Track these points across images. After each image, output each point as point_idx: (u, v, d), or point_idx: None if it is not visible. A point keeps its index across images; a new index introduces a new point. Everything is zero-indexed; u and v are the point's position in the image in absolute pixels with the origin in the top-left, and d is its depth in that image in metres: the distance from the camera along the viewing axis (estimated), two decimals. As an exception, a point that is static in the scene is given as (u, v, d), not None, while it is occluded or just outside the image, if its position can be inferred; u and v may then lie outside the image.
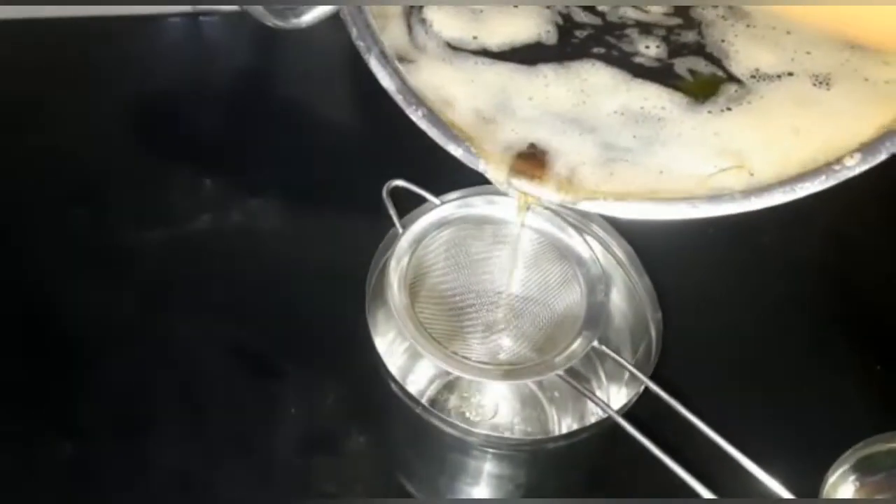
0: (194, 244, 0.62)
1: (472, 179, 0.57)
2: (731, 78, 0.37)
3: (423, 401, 0.50)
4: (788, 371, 0.55)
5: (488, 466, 0.52)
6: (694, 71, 0.37)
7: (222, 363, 0.56)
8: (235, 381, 0.56)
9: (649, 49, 0.38)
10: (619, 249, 0.56)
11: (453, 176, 0.57)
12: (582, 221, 0.55)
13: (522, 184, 0.36)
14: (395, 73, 0.37)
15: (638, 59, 0.38)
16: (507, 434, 0.50)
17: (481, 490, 0.52)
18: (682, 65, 0.37)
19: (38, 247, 0.62)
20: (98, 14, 0.74)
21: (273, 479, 0.52)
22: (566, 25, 0.39)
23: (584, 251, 0.51)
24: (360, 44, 0.37)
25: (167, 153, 0.68)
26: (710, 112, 0.35)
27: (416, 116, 0.37)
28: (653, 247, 0.57)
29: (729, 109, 0.35)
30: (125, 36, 0.75)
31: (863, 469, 0.47)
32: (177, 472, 0.52)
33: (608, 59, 0.38)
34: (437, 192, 0.55)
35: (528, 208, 0.46)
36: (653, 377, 0.49)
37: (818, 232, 0.63)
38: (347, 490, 0.52)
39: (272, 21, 0.67)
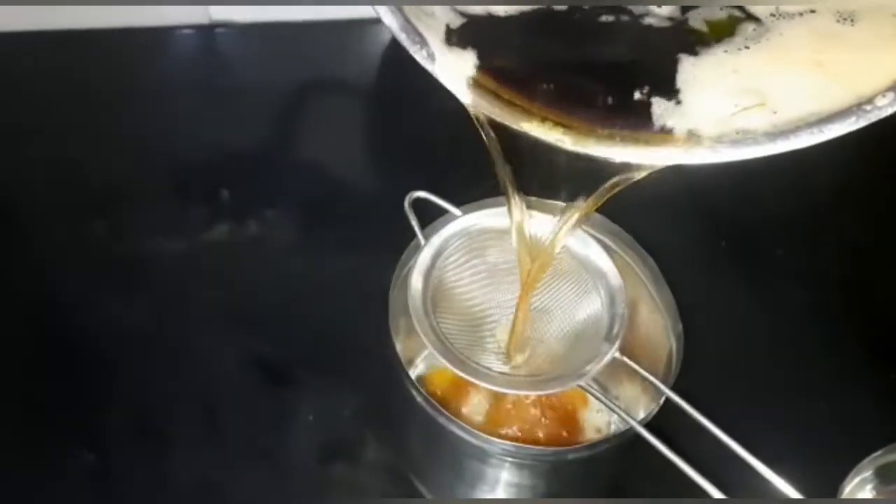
0: (213, 255, 0.62)
1: (493, 190, 0.58)
2: (750, 17, 0.35)
3: (443, 409, 0.50)
4: (806, 381, 0.56)
5: (508, 476, 0.52)
6: (710, 20, 0.35)
7: (241, 372, 0.57)
8: (254, 390, 0.56)
9: (661, 8, 0.36)
10: (639, 260, 0.56)
11: (475, 186, 0.58)
12: (602, 233, 0.55)
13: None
14: (399, 11, 0.34)
15: (648, 20, 0.36)
16: (526, 445, 0.50)
17: (501, 499, 0.52)
18: (696, 17, 0.36)
19: (57, 258, 0.62)
20: (116, 25, 0.75)
21: (292, 487, 0.53)
22: None
23: (604, 263, 0.51)
24: None
25: (184, 164, 0.68)
26: (725, 51, 0.33)
27: (420, 57, 0.34)
28: (672, 258, 0.57)
29: (747, 48, 0.33)
30: (143, 47, 0.76)
31: (881, 477, 0.48)
32: (196, 480, 0.52)
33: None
34: (459, 203, 0.55)
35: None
36: (674, 388, 0.49)
37: (834, 244, 0.63)
38: (366, 497, 0.52)
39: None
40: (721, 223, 0.63)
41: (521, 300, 0.50)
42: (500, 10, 0.36)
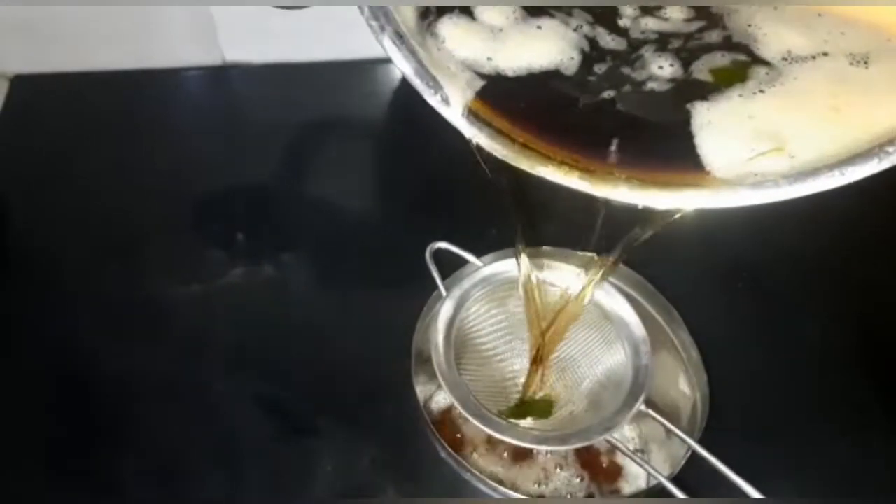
0: (228, 299, 0.62)
1: (509, 239, 0.58)
2: (760, 61, 0.34)
3: (468, 463, 0.50)
4: (836, 427, 0.55)
5: (532, 529, 0.52)
6: (714, 68, 0.35)
7: (258, 419, 0.56)
8: (272, 437, 0.55)
9: (662, 70, 0.36)
10: (662, 310, 0.56)
11: (494, 236, 0.58)
12: (624, 283, 0.55)
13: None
14: (412, 55, 0.33)
15: (650, 86, 0.35)
16: (553, 498, 0.50)
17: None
18: (701, 68, 0.35)
19: (74, 302, 0.62)
20: (130, 68, 0.75)
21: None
22: (591, 54, 0.37)
23: (626, 313, 0.51)
24: (373, 23, 0.34)
25: (200, 206, 0.68)
26: (741, 96, 0.33)
27: (434, 101, 0.33)
28: (693, 306, 0.57)
29: (762, 92, 0.33)
30: (157, 89, 0.76)
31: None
32: (214, 528, 0.52)
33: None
34: (478, 252, 0.55)
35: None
36: (700, 440, 0.49)
37: (850, 284, 0.63)
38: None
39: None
40: (739, 268, 0.62)
41: (535, 357, 0.50)
42: (510, 72, 0.36)
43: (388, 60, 0.80)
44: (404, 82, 0.35)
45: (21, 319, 0.61)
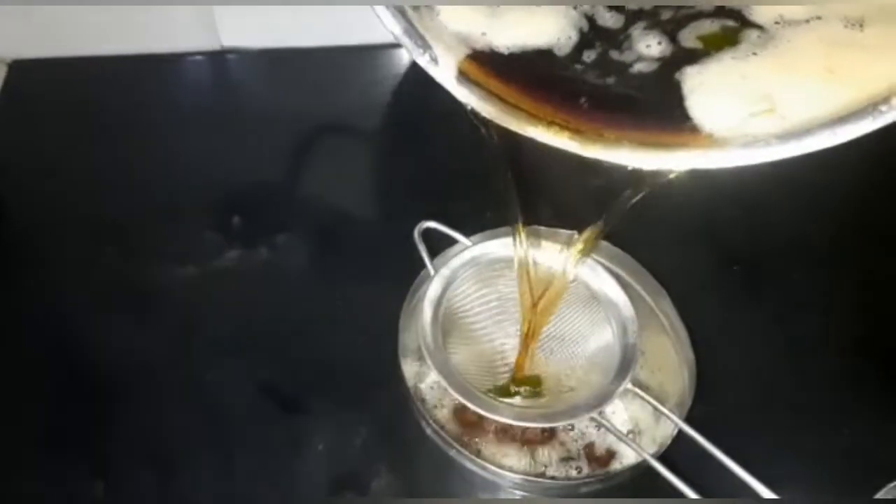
0: (223, 282, 0.62)
1: (502, 219, 0.58)
2: (752, 25, 0.34)
3: (455, 442, 0.50)
4: (823, 410, 0.55)
5: (521, 508, 0.52)
6: (702, 35, 0.35)
7: (251, 401, 0.56)
8: (264, 419, 0.56)
9: (650, 48, 0.35)
10: (652, 291, 0.56)
11: (484, 216, 0.58)
12: (613, 263, 0.55)
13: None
14: (402, 16, 0.33)
15: (637, 68, 0.35)
16: (539, 477, 0.50)
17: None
18: (688, 36, 0.35)
19: (67, 285, 0.62)
20: (127, 53, 0.75)
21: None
22: (588, 34, 0.36)
23: (615, 293, 0.51)
24: None
25: (195, 191, 0.68)
26: (733, 58, 0.33)
27: (423, 61, 0.33)
28: (683, 286, 0.57)
29: (755, 54, 0.32)
30: (155, 74, 0.76)
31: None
32: (207, 509, 0.52)
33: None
34: (468, 233, 0.55)
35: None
36: (687, 419, 0.49)
37: (849, 270, 0.62)
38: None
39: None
40: (734, 250, 0.62)
41: (526, 332, 0.50)
42: (504, 49, 0.36)
43: (384, 46, 0.81)
44: (399, 69, 0.35)
45: (15, 303, 0.61)
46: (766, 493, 0.44)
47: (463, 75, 0.33)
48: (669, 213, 0.62)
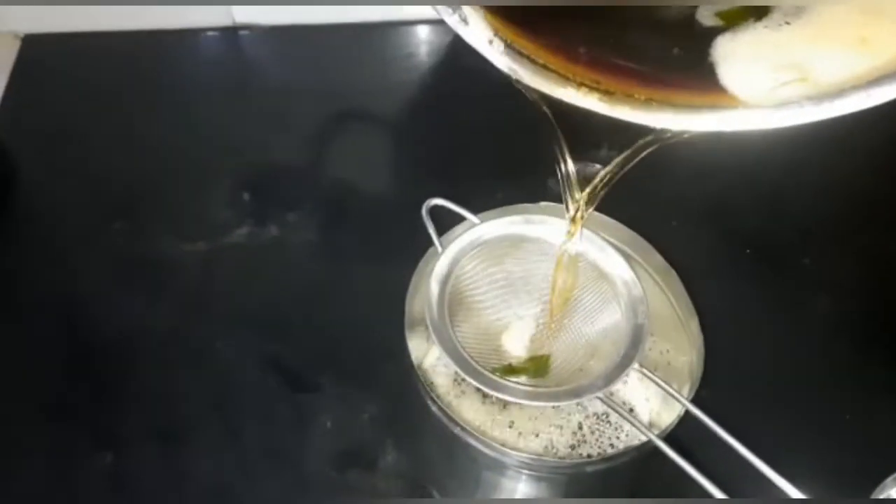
0: (233, 257, 0.62)
1: (510, 198, 0.58)
2: None
3: (460, 420, 0.50)
4: (830, 394, 0.54)
5: (525, 487, 0.52)
6: (720, 11, 0.34)
7: (259, 375, 0.57)
8: (272, 394, 0.56)
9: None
10: (660, 271, 0.56)
11: (492, 194, 0.58)
12: (622, 242, 0.55)
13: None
14: None
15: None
16: (545, 456, 0.50)
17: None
18: (704, 13, 0.34)
19: (79, 259, 0.63)
20: (140, 28, 0.75)
21: (307, 492, 0.52)
22: None
23: (624, 272, 0.51)
24: None
25: (206, 167, 0.68)
26: (766, 27, 0.32)
27: (453, 21, 0.32)
28: (693, 268, 0.56)
29: (787, 24, 0.32)
30: (167, 50, 0.76)
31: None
32: (212, 483, 0.52)
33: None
34: (476, 211, 0.55)
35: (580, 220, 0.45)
36: (693, 400, 0.49)
37: (861, 254, 0.62)
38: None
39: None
40: (745, 233, 0.62)
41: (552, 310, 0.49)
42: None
43: (398, 23, 0.80)
44: (412, 46, 0.35)
45: (25, 273, 0.62)
46: (772, 475, 0.44)
47: (492, 33, 0.32)
48: (680, 195, 0.62)
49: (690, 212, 0.61)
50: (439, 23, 0.36)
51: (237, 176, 0.67)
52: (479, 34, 0.32)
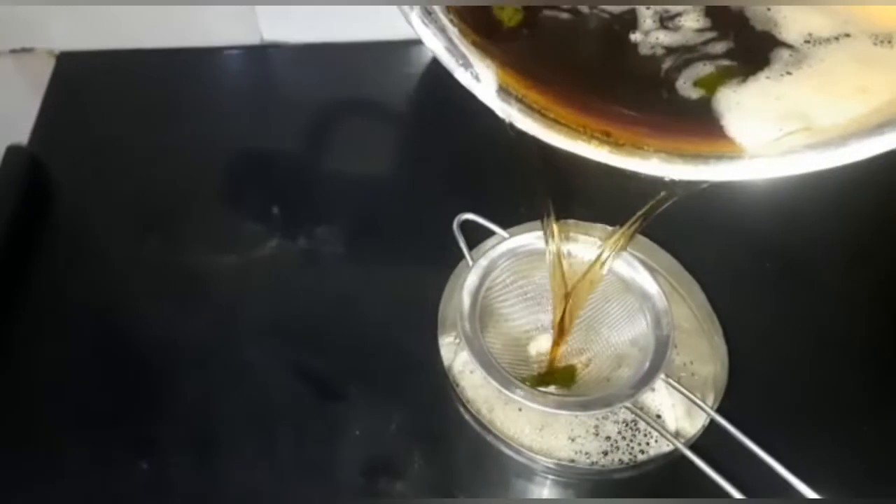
0: (263, 269, 0.64)
1: (537, 213, 0.59)
2: (782, 44, 0.34)
3: (492, 427, 0.52)
4: (854, 405, 0.55)
5: (553, 494, 0.53)
6: (698, 79, 0.35)
7: (291, 385, 0.58)
8: (303, 404, 0.57)
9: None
10: (685, 283, 0.57)
11: (520, 208, 0.59)
12: (647, 255, 0.56)
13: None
14: (442, 32, 0.33)
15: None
16: (573, 463, 0.51)
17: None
18: (684, 84, 0.35)
19: (115, 271, 0.64)
20: (172, 46, 0.77)
21: (337, 501, 0.53)
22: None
23: (649, 285, 0.52)
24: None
25: (236, 181, 0.70)
26: (768, 78, 0.33)
27: (466, 78, 0.33)
28: (715, 281, 0.58)
29: (789, 74, 0.33)
30: (198, 67, 0.78)
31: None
32: (246, 490, 0.53)
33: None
34: (505, 224, 0.56)
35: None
36: (719, 410, 0.50)
37: (877, 266, 0.63)
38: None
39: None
40: (765, 246, 0.63)
41: (559, 323, 0.51)
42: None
43: (421, 41, 0.81)
44: (434, 63, 0.36)
45: (63, 285, 0.63)
46: (798, 484, 0.45)
47: (503, 89, 0.33)
48: (701, 210, 0.63)
49: (711, 227, 0.63)
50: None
51: (267, 190, 0.69)
52: (490, 89, 0.33)
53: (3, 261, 0.63)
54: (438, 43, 0.33)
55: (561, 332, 0.52)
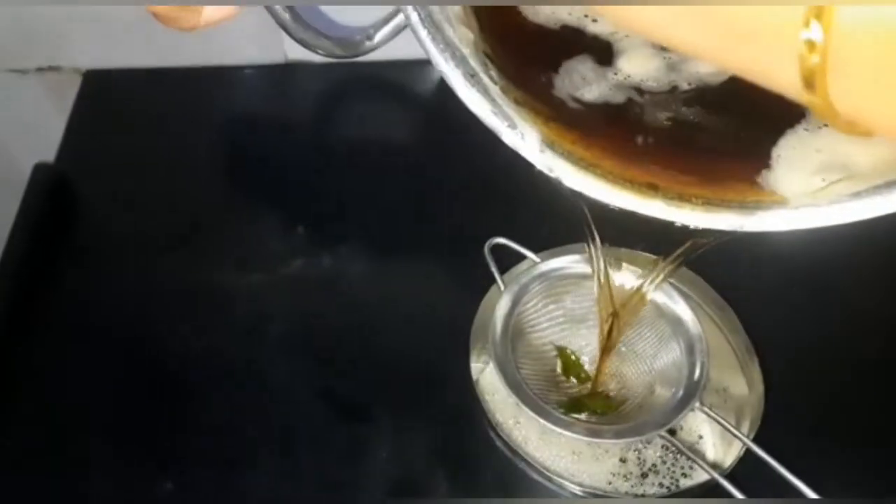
0: (288, 288, 0.64)
1: (569, 236, 0.59)
2: None
3: (522, 452, 0.51)
4: (892, 431, 0.55)
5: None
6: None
7: (317, 406, 0.57)
8: (328, 424, 0.57)
9: None
10: (717, 309, 0.57)
11: (551, 232, 0.59)
12: (679, 281, 0.55)
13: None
14: (486, 93, 0.32)
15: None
16: (605, 490, 0.51)
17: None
18: None
19: (139, 288, 0.64)
20: (197, 64, 0.77)
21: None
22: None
23: (682, 311, 0.52)
24: (443, 60, 0.32)
25: (260, 200, 0.70)
26: (806, 129, 0.33)
27: (512, 139, 0.32)
28: (749, 305, 0.57)
29: (826, 125, 0.31)
30: (223, 86, 0.78)
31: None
32: (270, 511, 0.53)
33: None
34: (535, 248, 0.56)
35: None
36: (755, 438, 0.50)
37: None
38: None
39: (341, 53, 0.68)
40: (796, 270, 0.62)
41: (602, 350, 0.50)
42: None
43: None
44: None
45: (90, 304, 0.63)
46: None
47: (548, 146, 0.33)
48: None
49: (742, 248, 0.62)
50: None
51: (292, 208, 0.69)
52: (535, 147, 0.33)
53: (30, 277, 0.63)
54: (485, 106, 0.32)
55: (605, 356, 0.51)
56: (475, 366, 0.54)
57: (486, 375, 0.55)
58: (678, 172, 0.33)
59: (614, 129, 0.35)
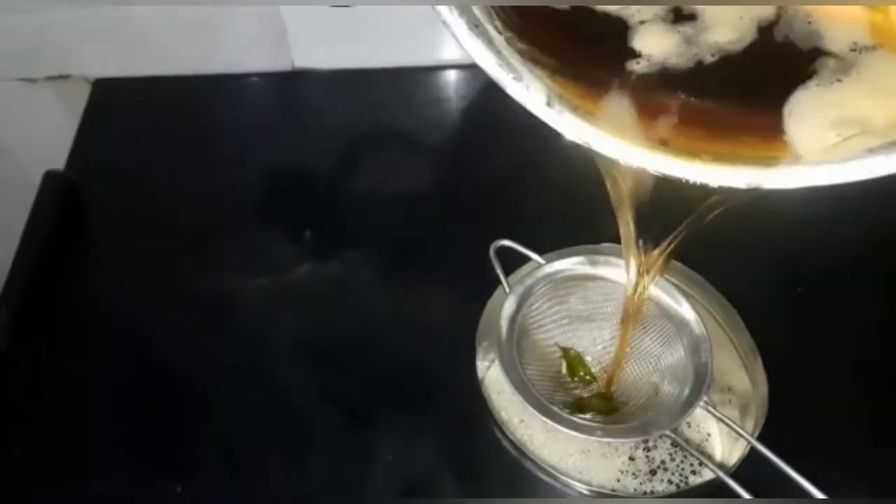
0: (295, 293, 0.64)
1: (574, 238, 0.59)
2: (826, 53, 0.33)
3: (529, 451, 0.52)
4: (891, 429, 0.55)
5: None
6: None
7: (324, 410, 0.58)
8: (335, 428, 0.57)
9: None
10: (721, 309, 0.57)
11: (556, 234, 0.59)
12: (683, 282, 0.56)
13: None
14: (490, 43, 0.32)
15: None
16: (614, 488, 0.51)
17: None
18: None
19: (148, 294, 0.64)
20: (206, 72, 0.78)
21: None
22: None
23: (686, 312, 0.52)
24: (443, 7, 0.31)
25: (268, 205, 0.70)
26: (818, 85, 0.32)
27: (517, 89, 0.31)
28: (752, 305, 0.57)
29: (839, 81, 0.32)
30: (231, 93, 0.79)
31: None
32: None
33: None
34: (540, 250, 0.56)
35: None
36: (760, 436, 0.50)
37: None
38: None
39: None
40: (799, 270, 0.63)
41: (621, 339, 0.51)
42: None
43: (454, 66, 0.82)
44: (467, 88, 0.36)
45: (98, 310, 0.64)
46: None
47: (553, 99, 0.32)
48: (734, 234, 0.63)
49: (744, 251, 0.62)
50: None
51: (298, 215, 0.69)
52: (541, 100, 0.32)
53: (39, 283, 0.64)
54: (489, 57, 0.32)
55: (619, 356, 0.52)
56: (481, 364, 0.55)
57: (491, 374, 0.55)
58: (689, 127, 0.32)
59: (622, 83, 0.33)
